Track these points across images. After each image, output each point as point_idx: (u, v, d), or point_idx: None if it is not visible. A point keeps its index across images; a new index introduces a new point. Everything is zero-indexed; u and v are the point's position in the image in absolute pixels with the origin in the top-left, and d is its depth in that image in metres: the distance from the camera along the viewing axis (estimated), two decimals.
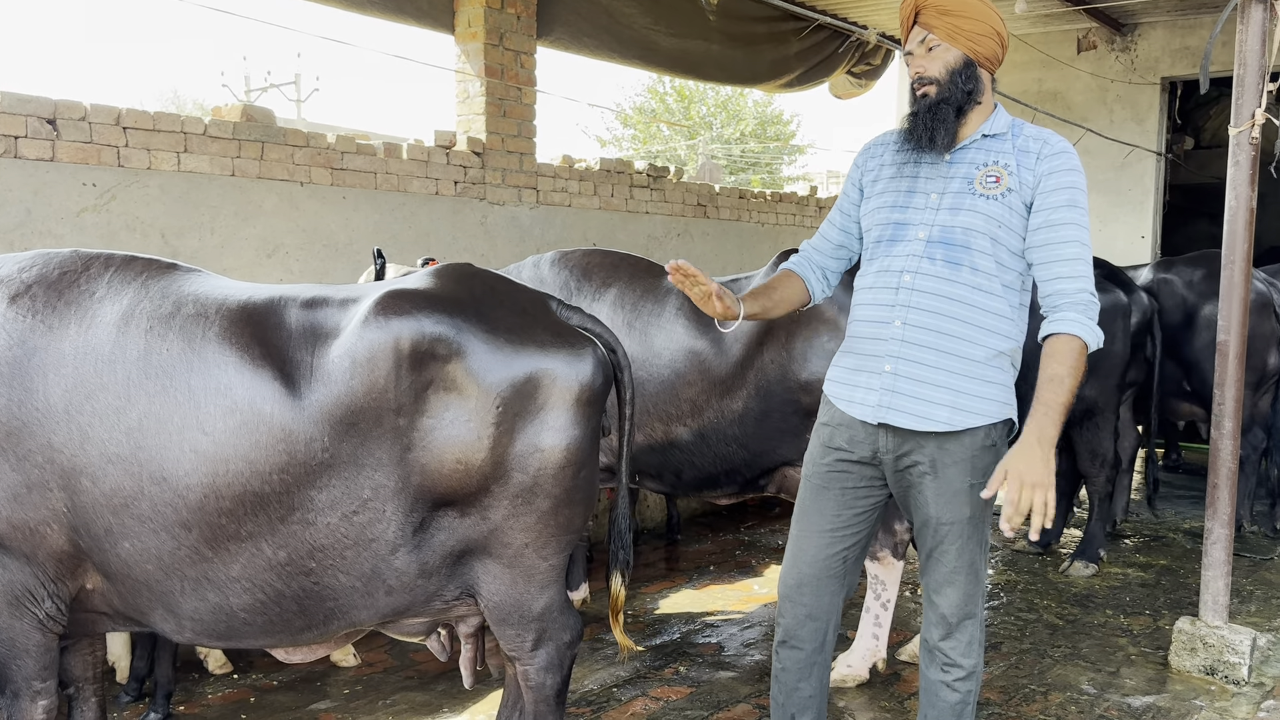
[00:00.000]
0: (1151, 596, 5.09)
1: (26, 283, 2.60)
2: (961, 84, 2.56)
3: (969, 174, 2.59)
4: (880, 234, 2.68)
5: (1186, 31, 8.67)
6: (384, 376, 2.54)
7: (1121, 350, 5.32)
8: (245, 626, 2.65)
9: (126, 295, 2.61)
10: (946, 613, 2.67)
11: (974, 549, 2.66)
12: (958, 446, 2.59)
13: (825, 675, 2.88)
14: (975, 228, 2.54)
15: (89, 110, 4.66)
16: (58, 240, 4.54)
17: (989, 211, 2.54)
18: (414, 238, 5.90)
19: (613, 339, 2.94)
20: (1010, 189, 2.55)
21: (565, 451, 2.69)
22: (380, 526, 2.59)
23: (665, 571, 5.52)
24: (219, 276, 2.79)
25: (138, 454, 2.48)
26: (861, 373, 2.67)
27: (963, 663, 2.70)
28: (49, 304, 2.58)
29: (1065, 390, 2.45)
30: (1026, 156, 2.56)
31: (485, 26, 6.18)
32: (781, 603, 2.85)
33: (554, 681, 2.85)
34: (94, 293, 2.60)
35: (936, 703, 2.74)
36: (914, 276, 2.58)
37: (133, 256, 2.73)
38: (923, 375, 2.57)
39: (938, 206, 2.60)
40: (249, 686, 3.93)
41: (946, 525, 2.62)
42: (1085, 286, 2.51)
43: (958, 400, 2.56)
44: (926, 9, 2.58)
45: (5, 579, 2.56)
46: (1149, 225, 8.98)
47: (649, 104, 28.71)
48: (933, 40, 2.58)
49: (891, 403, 2.60)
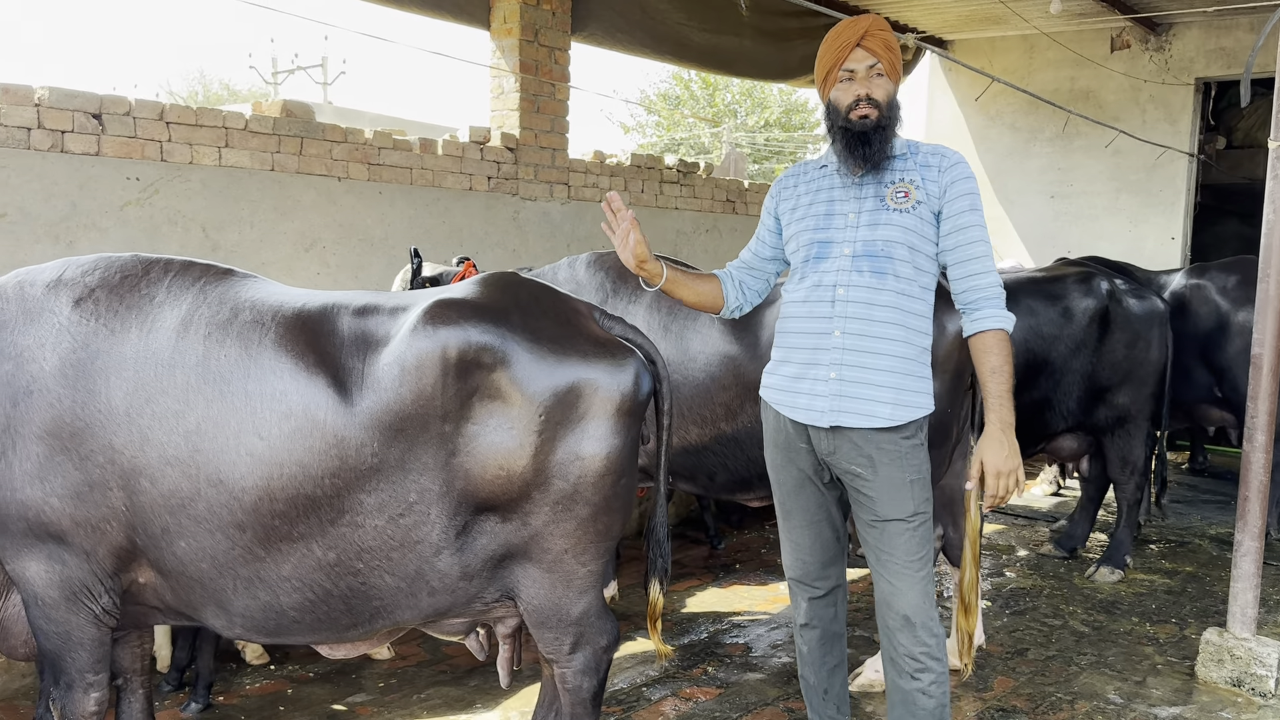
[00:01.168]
0: (1178, 604, 5.10)
1: (90, 286, 2.68)
2: (896, 113, 2.83)
3: (879, 192, 2.83)
4: (807, 253, 2.90)
5: (1222, 32, 8.60)
6: (431, 384, 2.60)
7: (1158, 358, 5.31)
8: (294, 624, 2.73)
9: (185, 300, 2.68)
10: (909, 613, 2.83)
11: (923, 544, 2.85)
12: (890, 444, 2.81)
13: (844, 645, 3.16)
14: (894, 239, 2.79)
15: (133, 105, 4.73)
16: (102, 233, 4.61)
17: (903, 224, 2.79)
18: (447, 233, 5.95)
19: (652, 349, 2.99)
20: (919, 201, 2.80)
21: (606, 460, 2.75)
22: (425, 529, 2.66)
23: (692, 570, 5.57)
24: (273, 282, 2.86)
25: (195, 456, 2.56)
26: (804, 380, 2.88)
27: (932, 664, 2.83)
28: (111, 308, 2.65)
29: (1008, 377, 2.76)
30: (929, 170, 2.82)
31: (520, 23, 6.21)
32: (794, 589, 3.11)
33: (591, 684, 2.91)
34: (154, 297, 2.68)
35: (915, 711, 2.85)
36: (846, 289, 2.81)
37: (191, 262, 2.80)
38: (866, 378, 2.80)
39: (857, 224, 2.83)
40: (285, 678, 4.01)
41: (894, 522, 2.82)
42: (994, 280, 2.80)
43: (899, 397, 2.81)
44: (874, 38, 2.78)
45: (64, 574, 2.64)
46: (1179, 226, 8.94)
47: (674, 91, 28.65)
48: (879, 68, 2.80)
49: (841, 406, 2.81)
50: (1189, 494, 7.47)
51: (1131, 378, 5.23)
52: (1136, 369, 5.23)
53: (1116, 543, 5.52)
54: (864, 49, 2.77)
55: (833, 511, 3.02)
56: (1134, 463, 5.39)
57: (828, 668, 3.16)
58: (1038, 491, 7.54)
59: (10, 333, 2.64)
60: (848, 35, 2.78)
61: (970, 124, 9.83)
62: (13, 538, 2.64)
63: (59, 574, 2.64)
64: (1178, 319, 5.97)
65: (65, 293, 2.67)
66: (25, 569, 2.66)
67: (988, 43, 9.64)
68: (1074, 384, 5.17)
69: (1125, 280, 5.43)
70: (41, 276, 2.73)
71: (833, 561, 3.07)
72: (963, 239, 2.80)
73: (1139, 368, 5.24)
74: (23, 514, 2.60)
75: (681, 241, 7.56)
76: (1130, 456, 5.37)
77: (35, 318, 2.65)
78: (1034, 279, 5.36)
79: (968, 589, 3.80)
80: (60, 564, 2.64)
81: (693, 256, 7.48)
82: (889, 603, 2.87)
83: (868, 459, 2.82)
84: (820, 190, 2.93)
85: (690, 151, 27.06)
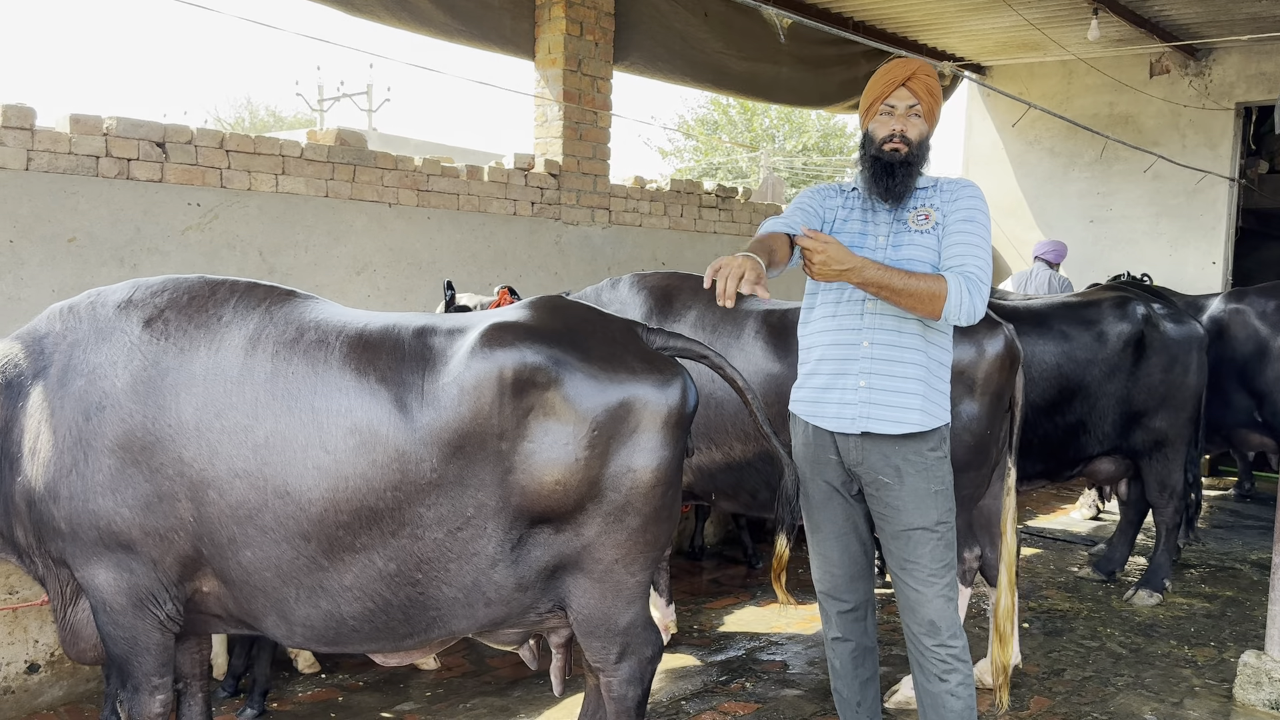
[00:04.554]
0: (1217, 628, 5.10)
1: (160, 307, 2.82)
2: (925, 153, 3.01)
3: (902, 216, 3.04)
4: None
5: (1263, 57, 8.60)
6: (489, 403, 2.72)
7: (1196, 382, 5.32)
8: (353, 633, 2.83)
9: (252, 320, 2.81)
10: (934, 617, 2.97)
11: (946, 551, 2.98)
12: (917, 454, 2.95)
13: (876, 658, 3.27)
14: (916, 257, 2.96)
15: (195, 134, 4.93)
16: (164, 257, 4.81)
17: (924, 243, 2.98)
18: (492, 257, 6.11)
19: (700, 347, 3.11)
20: (937, 224, 3.00)
21: (655, 472, 2.86)
22: (481, 542, 2.77)
23: (729, 589, 5.64)
24: (333, 303, 3.00)
25: (263, 469, 2.67)
26: (833, 390, 3.01)
27: (960, 666, 2.98)
28: (180, 328, 2.79)
29: (899, 278, 2.79)
30: (945, 195, 3.03)
31: (565, 53, 6.38)
32: (824, 603, 3.22)
33: (635, 694, 3.00)
34: (221, 317, 2.81)
35: (945, 714, 2.99)
36: (875, 302, 2.95)
37: (255, 283, 2.94)
38: (894, 386, 2.95)
39: (885, 245, 3.01)
40: (336, 686, 4.14)
41: (920, 530, 2.95)
42: (966, 265, 2.88)
43: (926, 405, 2.96)
44: (918, 80, 2.95)
45: (131, 581, 2.76)
46: (1220, 251, 8.92)
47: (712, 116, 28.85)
48: (918, 109, 2.97)
49: (870, 413, 2.95)
50: (1231, 519, 7.42)
51: (1168, 402, 5.25)
52: (1174, 393, 5.25)
53: (1155, 566, 5.53)
54: (908, 89, 2.95)
55: (860, 525, 3.13)
56: (1172, 487, 5.39)
57: (860, 680, 3.25)
58: (1077, 515, 7.53)
59: (83, 351, 2.78)
60: (896, 73, 2.95)
61: (1009, 149, 9.88)
62: (83, 546, 2.75)
63: (127, 581, 2.75)
64: (1216, 343, 5.99)
65: (136, 313, 2.81)
66: (94, 576, 2.77)
67: (1026, 69, 9.70)
68: (1109, 408, 5.19)
69: (1162, 304, 5.45)
70: (113, 297, 2.86)
71: (861, 575, 3.17)
72: (951, 240, 2.95)
73: (1176, 392, 5.25)
74: (94, 523, 2.71)
75: None
76: (1168, 481, 5.38)
77: (107, 337, 2.77)
78: (1069, 303, 5.41)
79: (1003, 618, 3.85)
80: (128, 572, 2.75)
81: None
82: (914, 609, 3.00)
83: (895, 469, 2.95)
84: (853, 211, 3.09)
85: (728, 176, 27.20)
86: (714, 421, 4.20)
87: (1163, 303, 5.51)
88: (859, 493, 3.08)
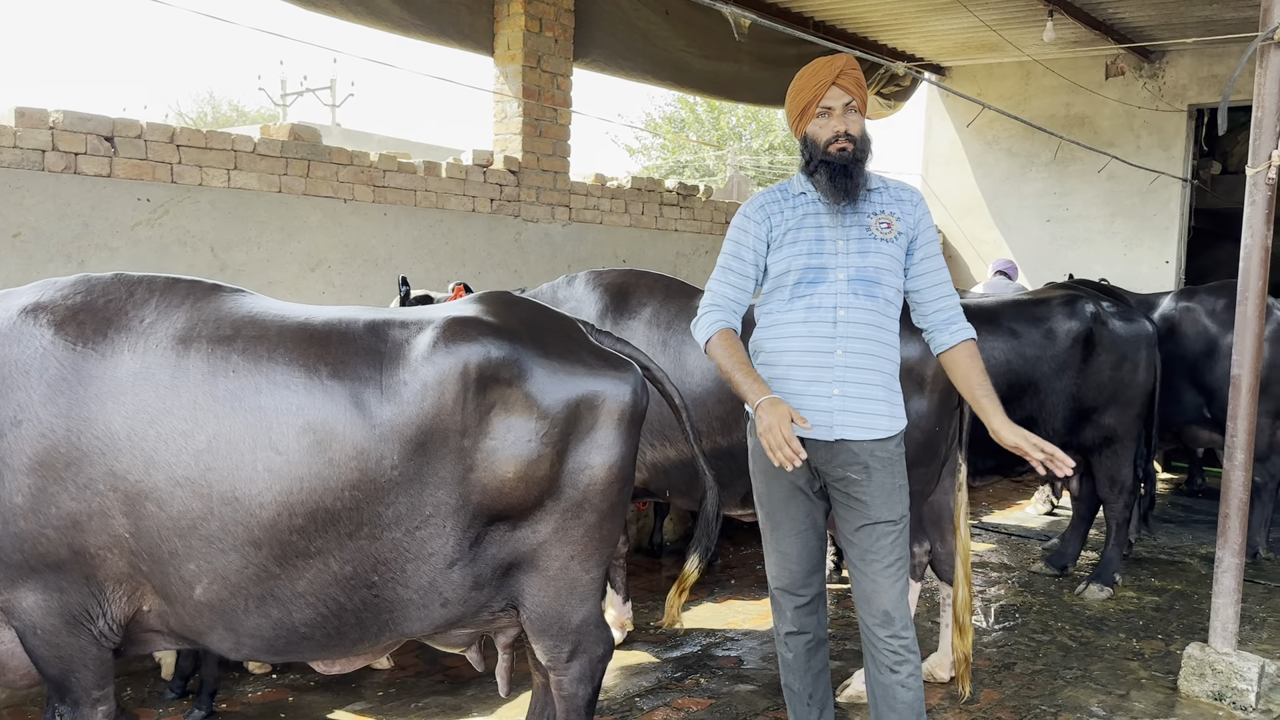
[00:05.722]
0: (1164, 621, 5.18)
1: (73, 309, 2.61)
2: (869, 146, 3.02)
3: (863, 222, 3.04)
4: (800, 276, 3.04)
5: (1214, 60, 8.74)
6: (452, 398, 2.66)
7: (1145, 379, 5.40)
8: (304, 641, 2.72)
9: (179, 319, 2.64)
10: (889, 608, 3.02)
11: (904, 545, 3.06)
12: (884, 451, 3.02)
13: (828, 651, 3.33)
14: (882, 266, 3.01)
15: (145, 129, 4.87)
16: (112, 253, 4.75)
17: (889, 252, 3.02)
18: (450, 254, 6.08)
19: (643, 357, 3.13)
20: (900, 233, 3.04)
21: (612, 468, 2.87)
22: (439, 542, 2.71)
23: None
24: (263, 296, 2.85)
25: (207, 475, 2.53)
26: (805, 397, 3.02)
27: (910, 657, 3.03)
28: (99, 330, 2.58)
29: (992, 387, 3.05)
30: (904, 205, 3.07)
31: (524, 49, 6.37)
32: (780, 599, 3.24)
33: (586, 692, 3.00)
34: (143, 318, 2.62)
35: (895, 705, 3.04)
36: (847, 311, 3.00)
37: (175, 279, 2.76)
38: (865, 393, 3.01)
39: (848, 251, 3.02)
40: (287, 686, 4.11)
41: (885, 524, 3.02)
42: (958, 302, 3.12)
43: (892, 410, 3.06)
44: (847, 76, 2.96)
45: (62, 601, 2.59)
46: (1173, 251, 9.05)
47: (678, 114, 28.89)
48: (854, 105, 2.99)
49: (844, 420, 3.00)
50: (1182, 514, 7.54)
51: (1117, 399, 5.33)
52: (1122, 390, 5.33)
53: (1106, 560, 5.61)
54: (839, 87, 2.94)
55: (819, 521, 3.17)
56: (1122, 482, 5.47)
57: (813, 673, 3.28)
58: (1032, 511, 7.62)
59: None
60: (824, 74, 2.95)
61: (968, 149, 9.97)
62: (7, 569, 2.56)
63: (57, 601, 2.58)
64: (1168, 341, 6.08)
65: (45, 316, 2.58)
66: (21, 600, 2.59)
67: (984, 69, 9.79)
68: (1059, 404, 5.26)
69: (1112, 302, 5.53)
70: (18, 300, 2.63)
71: (816, 569, 3.21)
72: (931, 266, 3.08)
73: (1125, 389, 5.33)
74: (18, 546, 2.53)
75: (681, 263, 7.68)
76: (1118, 476, 5.46)
77: (15, 342, 2.54)
78: (1019, 301, 5.47)
79: (962, 609, 3.93)
80: (58, 591, 2.57)
81: (692, 277, 7.60)
82: (870, 600, 3.03)
83: (863, 466, 3.01)
84: (806, 216, 3.06)
85: (695, 174, 27.25)
86: (668, 419, 4.21)
87: (1112, 301, 5.59)
88: (821, 489, 3.11)
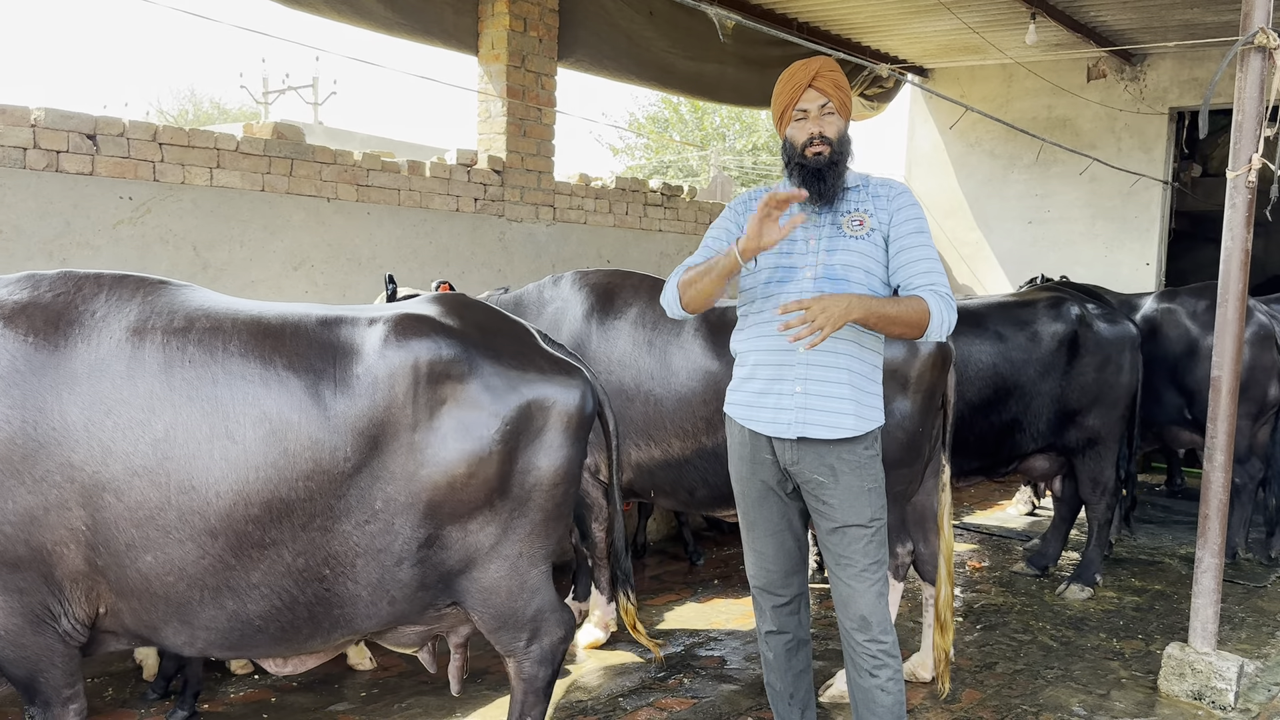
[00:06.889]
0: (1145, 621, 5.22)
1: (21, 303, 2.62)
2: (847, 148, 3.01)
3: (836, 220, 3.03)
4: (770, 275, 3.05)
5: (1195, 63, 8.80)
6: (403, 393, 2.72)
7: (1128, 381, 5.44)
8: (258, 634, 2.76)
9: (130, 312, 2.66)
10: (866, 613, 3.01)
11: (879, 548, 3.02)
12: (851, 454, 2.98)
13: (810, 651, 3.32)
14: (851, 263, 2.97)
15: (127, 126, 4.83)
16: (94, 251, 4.71)
17: (859, 249, 2.98)
18: (434, 253, 6.06)
19: (590, 373, 3.18)
20: (873, 229, 3.00)
21: (558, 470, 2.94)
22: (388, 538, 2.76)
23: (671, 585, 5.66)
24: (212, 291, 2.90)
25: (164, 465, 2.55)
26: (769, 395, 3.03)
27: (890, 661, 3.03)
28: (50, 323, 2.59)
29: (888, 306, 2.83)
30: (879, 200, 3.03)
31: (508, 49, 6.35)
32: (759, 598, 3.25)
33: (545, 674, 3.06)
34: (94, 311, 2.64)
35: (875, 709, 3.04)
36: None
37: (124, 275, 2.79)
38: (829, 391, 2.97)
39: (818, 250, 3.01)
40: (269, 687, 4.09)
41: (855, 528, 2.99)
42: (937, 283, 2.92)
43: (859, 410, 2.99)
44: (824, 79, 2.95)
45: (24, 601, 2.57)
46: (1154, 253, 9.11)
47: (662, 114, 28.90)
48: (830, 107, 2.97)
49: (806, 418, 2.97)
50: (1162, 515, 7.60)
51: (1101, 400, 5.36)
52: (1106, 391, 5.37)
53: (1087, 561, 5.64)
54: (815, 89, 2.95)
55: (795, 521, 3.17)
56: (1104, 483, 5.51)
57: (794, 672, 3.29)
58: (1013, 511, 7.67)
59: None
60: (800, 77, 2.96)
61: (950, 151, 10.01)
62: None
63: (19, 601, 2.56)
64: (1148, 342, 6.12)
65: None
66: None
67: (967, 71, 9.84)
68: (1044, 406, 5.29)
69: (1096, 304, 5.57)
70: None
71: (795, 570, 3.21)
72: (908, 258, 2.98)
73: (1109, 390, 5.37)
74: None
75: (665, 263, 7.68)
76: (1100, 477, 5.50)
77: None
78: (1004, 303, 5.50)
79: (944, 607, 3.96)
80: (18, 591, 2.55)
81: None
82: (847, 605, 3.04)
83: (829, 469, 2.98)
84: (782, 217, 3.04)
85: (679, 174, 27.27)
86: (653, 419, 4.22)
87: (1097, 302, 5.62)
88: (795, 490, 3.11)
